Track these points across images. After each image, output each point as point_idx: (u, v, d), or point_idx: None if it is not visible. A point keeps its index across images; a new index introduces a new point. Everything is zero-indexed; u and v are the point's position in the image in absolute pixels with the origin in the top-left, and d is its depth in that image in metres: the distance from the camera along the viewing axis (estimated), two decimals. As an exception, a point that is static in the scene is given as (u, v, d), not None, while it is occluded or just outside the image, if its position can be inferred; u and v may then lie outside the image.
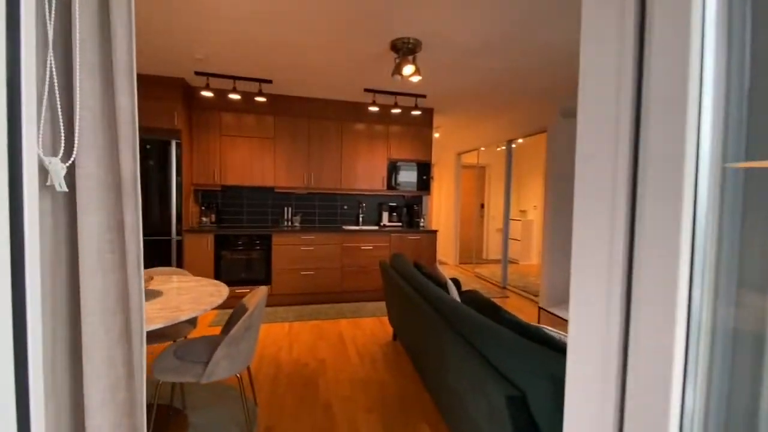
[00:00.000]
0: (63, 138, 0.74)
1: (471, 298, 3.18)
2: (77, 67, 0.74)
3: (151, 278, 1.91)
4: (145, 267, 3.94)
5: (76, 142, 0.75)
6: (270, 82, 3.82)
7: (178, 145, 3.83)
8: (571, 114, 4.19)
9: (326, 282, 4.29)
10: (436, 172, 7.66)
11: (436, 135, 6.30)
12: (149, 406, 1.05)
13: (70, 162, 0.75)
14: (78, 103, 0.75)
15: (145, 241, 3.46)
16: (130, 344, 0.84)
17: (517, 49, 2.86)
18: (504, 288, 5.38)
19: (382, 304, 4.30)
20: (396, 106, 4.07)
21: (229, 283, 4.12)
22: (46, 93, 0.71)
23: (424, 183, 4.82)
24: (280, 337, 3.27)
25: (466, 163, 7.21)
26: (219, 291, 1.98)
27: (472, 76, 3.54)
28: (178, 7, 2.39)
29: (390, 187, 4.71)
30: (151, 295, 1.88)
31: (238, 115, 4.25)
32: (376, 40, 2.74)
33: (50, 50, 0.71)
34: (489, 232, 7.83)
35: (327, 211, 4.88)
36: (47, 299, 0.73)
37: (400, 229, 4.58)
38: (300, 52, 3.05)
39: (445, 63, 3.20)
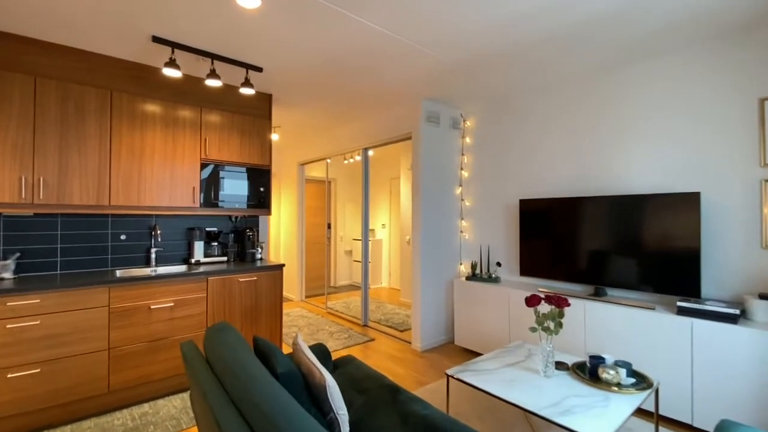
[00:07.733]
0: None
1: (353, 377, 2.00)
2: None
3: None
4: None
5: None
6: None
7: None
8: (433, 119, 3.66)
9: (76, 381, 2.29)
10: (273, 185, 6.24)
11: (275, 137, 4.97)
12: None
13: None
14: None
15: None
16: None
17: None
18: (365, 326, 4.42)
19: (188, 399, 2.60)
20: (213, 75, 2.56)
21: None
22: None
23: (262, 198, 3.39)
24: None
25: (310, 177, 6.07)
26: None
27: (323, 48, 2.46)
28: None
29: (209, 203, 3.07)
30: None
31: None
32: None
33: None
34: (337, 255, 6.87)
35: (82, 245, 2.80)
36: None
37: (225, 267, 2.99)
38: None
39: (291, 19, 2.00)
